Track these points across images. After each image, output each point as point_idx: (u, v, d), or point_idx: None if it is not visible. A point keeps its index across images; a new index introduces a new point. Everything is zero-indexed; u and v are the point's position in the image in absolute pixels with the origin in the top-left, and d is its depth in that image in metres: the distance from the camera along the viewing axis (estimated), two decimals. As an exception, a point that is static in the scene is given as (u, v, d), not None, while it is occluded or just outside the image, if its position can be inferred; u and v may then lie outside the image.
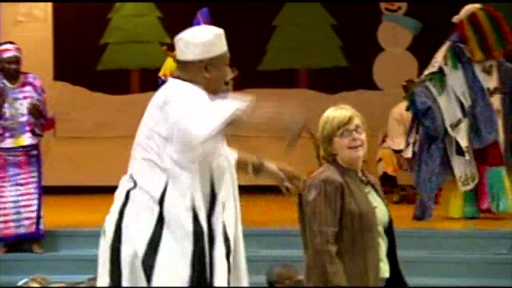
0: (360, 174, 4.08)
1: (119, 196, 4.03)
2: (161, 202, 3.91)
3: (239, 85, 10.88)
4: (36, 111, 7.70)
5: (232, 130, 3.93)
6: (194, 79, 3.99)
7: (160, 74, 8.48)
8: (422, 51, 9.58)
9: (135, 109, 8.19)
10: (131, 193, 3.98)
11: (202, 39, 4.03)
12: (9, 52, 7.85)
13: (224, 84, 4.12)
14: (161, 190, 3.92)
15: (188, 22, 8.69)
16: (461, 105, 8.18)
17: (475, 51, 8.22)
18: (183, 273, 3.92)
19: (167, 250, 3.91)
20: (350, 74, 11.36)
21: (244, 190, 10.94)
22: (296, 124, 3.96)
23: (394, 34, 11.39)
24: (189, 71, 4.02)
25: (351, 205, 3.98)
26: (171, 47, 8.74)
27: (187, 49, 4.03)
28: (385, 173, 10.36)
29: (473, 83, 8.26)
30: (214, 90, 4.03)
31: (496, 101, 8.25)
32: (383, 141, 10.61)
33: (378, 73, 11.06)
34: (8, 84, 7.80)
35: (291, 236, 8.25)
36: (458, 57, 8.34)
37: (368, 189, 4.08)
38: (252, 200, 10.09)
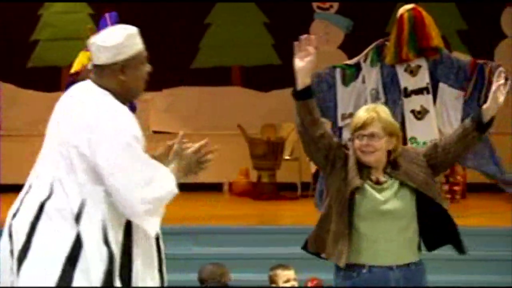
0: (371, 173, 4.17)
1: (31, 203, 3.93)
2: (77, 219, 3.84)
3: (173, 83, 10.89)
4: None
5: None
6: (110, 83, 3.97)
7: (72, 71, 8.26)
8: (353, 49, 9.63)
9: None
10: (46, 205, 3.89)
11: (113, 42, 3.96)
12: None
13: (143, 83, 4.08)
14: (78, 205, 3.86)
15: (120, 19, 8.65)
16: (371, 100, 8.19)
17: (388, 53, 8.26)
18: None
19: (84, 270, 3.84)
20: (283, 72, 11.34)
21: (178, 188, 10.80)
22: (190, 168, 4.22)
23: (326, 33, 11.45)
24: (104, 75, 3.98)
25: (345, 183, 4.15)
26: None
27: (99, 53, 3.97)
28: (317, 170, 10.42)
29: (391, 82, 8.31)
30: (132, 91, 4.04)
31: (421, 101, 8.25)
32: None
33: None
34: None
35: (224, 234, 8.30)
36: (380, 55, 8.40)
37: (384, 189, 4.15)
38: (186, 197, 10.09)
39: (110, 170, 3.82)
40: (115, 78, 3.96)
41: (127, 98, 4.02)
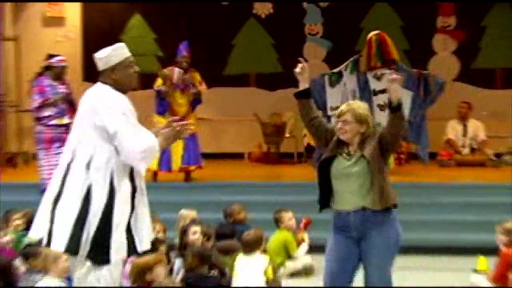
0: (348, 148, 4.14)
1: (61, 167, 4.02)
2: (88, 167, 3.90)
3: (211, 85, 10.88)
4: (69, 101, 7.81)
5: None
6: (108, 80, 4.05)
7: (155, 87, 8.40)
8: (333, 62, 9.65)
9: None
10: (72, 164, 3.96)
11: (103, 54, 4.07)
12: (63, 62, 7.91)
13: (132, 84, 4.14)
14: (89, 157, 3.92)
15: (175, 41, 8.67)
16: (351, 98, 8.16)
17: (362, 64, 8.32)
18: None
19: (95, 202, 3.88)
20: (284, 77, 11.26)
21: (211, 156, 10.85)
22: (176, 136, 4.14)
23: (314, 50, 11.42)
24: (103, 76, 4.08)
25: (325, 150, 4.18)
26: (162, 62, 8.59)
27: (99, 62, 4.09)
28: (308, 144, 10.42)
29: (364, 86, 8.33)
30: (125, 85, 4.08)
31: (384, 98, 8.14)
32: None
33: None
34: (53, 82, 7.79)
35: (243, 187, 8.32)
36: (356, 66, 8.40)
37: (350, 159, 4.11)
38: (218, 162, 10.13)
39: (114, 130, 3.87)
40: (110, 77, 4.05)
41: (122, 89, 4.07)
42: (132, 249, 3.95)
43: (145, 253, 4.21)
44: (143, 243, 4.00)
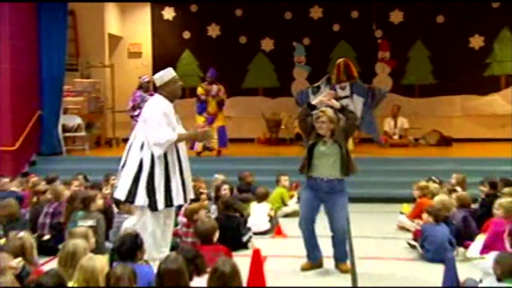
0: (324, 138, 4.04)
1: (127, 146, 4.03)
2: (141, 148, 3.89)
3: (233, 94, 10.83)
4: None
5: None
6: (162, 92, 3.97)
7: (198, 93, 8.43)
8: (312, 80, 9.60)
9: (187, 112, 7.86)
10: (132, 144, 3.98)
11: (158, 76, 4.01)
12: (146, 79, 7.93)
13: (178, 94, 4.04)
14: (141, 142, 3.91)
15: (210, 67, 8.67)
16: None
17: (333, 79, 8.31)
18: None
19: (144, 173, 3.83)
20: (281, 90, 11.38)
21: (233, 140, 10.72)
22: (196, 137, 4.06)
23: (300, 73, 11.33)
24: (159, 89, 3.99)
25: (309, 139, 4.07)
26: (202, 80, 8.63)
27: (156, 81, 4.01)
28: (297, 133, 10.37)
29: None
30: (173, 94, 3.99)
31: (346, 102, 8.06)
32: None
33: (294, 90, 11.00)
34: (143, 94, 7.82)
35: (254, 160, 8.34)
36: (329, 81, 8.41)
37: (326, 145, 4.04)
38: (238, 145, 10.15)
39: (147, 127, 3.87)
40: (164, 90, 3.97)
41: (172, 98, 3.99)
42: (169, 199, 3.94)
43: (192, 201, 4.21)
44: (174, 194, 3.98)
